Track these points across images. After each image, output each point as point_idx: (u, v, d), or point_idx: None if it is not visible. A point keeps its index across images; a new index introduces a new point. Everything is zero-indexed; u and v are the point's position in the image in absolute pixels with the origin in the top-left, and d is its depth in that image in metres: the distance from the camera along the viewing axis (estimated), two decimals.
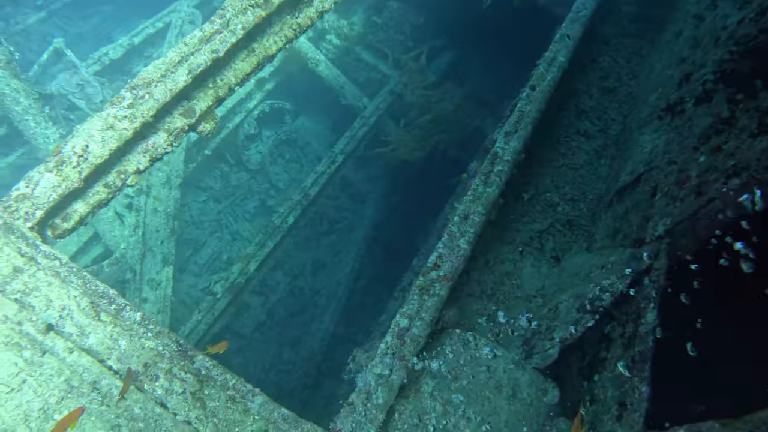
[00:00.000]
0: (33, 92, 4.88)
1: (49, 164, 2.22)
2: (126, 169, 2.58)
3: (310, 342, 7.05)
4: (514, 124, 3.05)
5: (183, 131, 2.84)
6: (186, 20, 6.52)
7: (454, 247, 2.53)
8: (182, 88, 2.63)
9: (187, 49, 2.70)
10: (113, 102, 2.49)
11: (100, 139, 2.34)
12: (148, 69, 2.61)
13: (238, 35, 2.86)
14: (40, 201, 2.15)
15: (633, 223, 2.80)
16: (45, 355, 2.03)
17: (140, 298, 4.95)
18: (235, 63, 3.08)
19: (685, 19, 4.22)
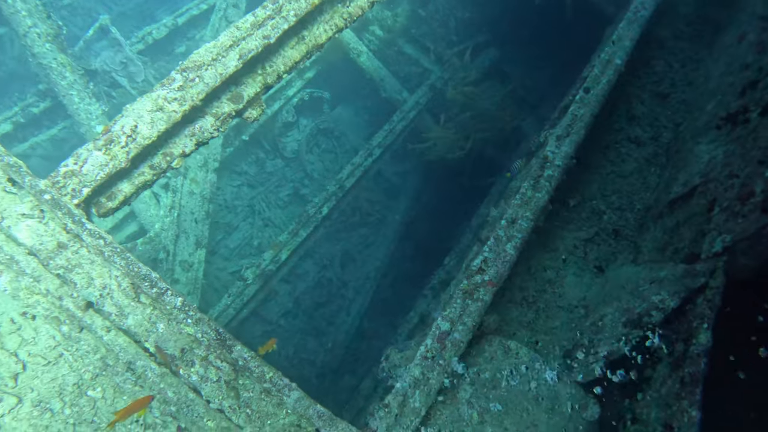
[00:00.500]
0: (78, 68, 4.97)
1: (98, 142, 2.23)
2: (172, 151, 2.59)
3: (334, 334, 7.06)
4: (566, 128, 2.94)
5: (230, 117, 2.83)
6: (231, 4, 6.55)
7: (500, 252, 2.45)
8: (232, 73, 2.61)
9: (238, 33, 2.68)
10: (163, 83, 2.49)
11: (149, 120, 2.35)
12: (199, 52, 2.59)
13: (290, 22, 2.82)
14: (87, 179, 2.16)
15: (685, 238, 2.66)
16: (83, 331, 2.05)
17: (172, 278, 5.02)
18: (284, 50, 3.05)
19: (749, 21, 3.99)
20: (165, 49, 6.69)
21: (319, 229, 6.51)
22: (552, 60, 7.09)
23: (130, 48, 5.90)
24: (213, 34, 6.20)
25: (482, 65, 7.10)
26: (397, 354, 2.90)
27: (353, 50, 7.03)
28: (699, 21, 4.53)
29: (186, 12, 6.53)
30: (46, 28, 4.83)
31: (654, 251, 2.86)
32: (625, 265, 2.94)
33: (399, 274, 7.82)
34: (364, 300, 7.29)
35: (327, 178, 7.91)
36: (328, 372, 6.78)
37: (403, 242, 7.86)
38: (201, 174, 5.59)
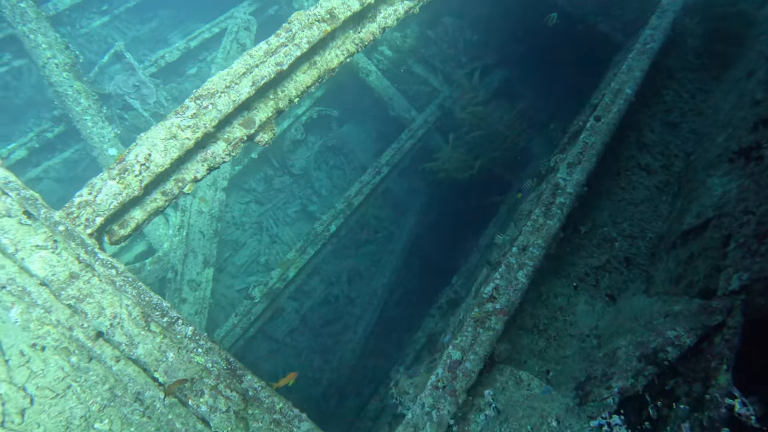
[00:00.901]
0: (93, 93, 5.05)
1: (113, 171, 2.24)
2: (184, 177, 2.60)
3: (341, 352, 7.01)
4: (578, 155, 2.93)
5: (242, 141, 2.85)
6: (242, 26, 6.64)
7: (511, 280, 2.43)
8: (245, 100, 2.63)
9: (252, 61, 2.71)
10: (177, 111, 2.51)
11: (163, 148, 2.36)
12: (213, 80, 2.62)
13: (303, 49, 2.85)
14: (101, 208, 2.17)
15: (700, 271, 2.63)
16: (92, 361, 2.04)
17: (179, 298, 5.02)
18: (296, 75, 3.08)
19: (757, 59, 4.01)
20: (177, 71, 6.78)
21: (327, 247, 6.51)
22: (560, 83, 7.11)
23: (143, 71, 5.99)
24: (224, 55, 6.29)
25: (491, 86, 7.13)
26: (407, 380, 2.87)
27: (362, 70, 7.08)
28: (707, 54, 4.56)
29: (198, 36, 6.63)
30: (63, 58, 4.96)
31: (667, 282, 2.82)
32: (637, 295, 2.90)
33: (406, 291, 7.79)
34: (371, 318, 7.25)
35: (335, 195, 7.93)
36: (334, 391, 6.73)
37: (411, 259, 7.85)
38: (210, 193, 5.62)
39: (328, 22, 2.99)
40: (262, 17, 7.37)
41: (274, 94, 2.96)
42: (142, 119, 5.99)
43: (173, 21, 8.71)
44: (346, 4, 3.08)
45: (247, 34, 6.81)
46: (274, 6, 7.42)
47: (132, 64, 6.02)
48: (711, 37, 4.73)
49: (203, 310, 5.16)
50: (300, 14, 2.94)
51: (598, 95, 4.39)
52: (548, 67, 7.10)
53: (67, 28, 6.31)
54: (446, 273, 7.24)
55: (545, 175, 3.97)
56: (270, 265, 7.30)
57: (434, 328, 5.65)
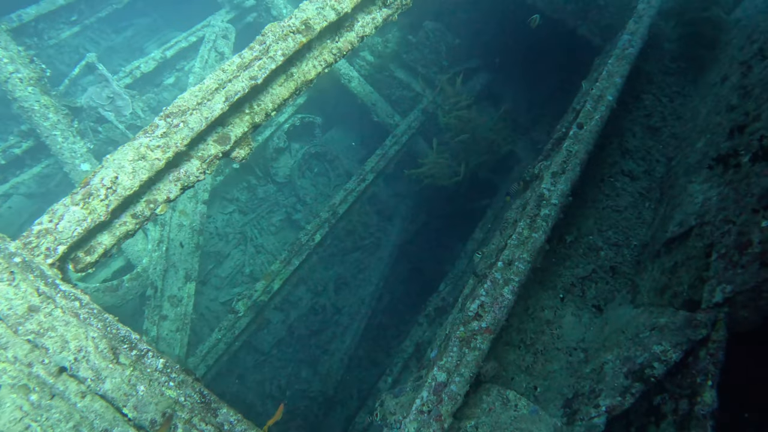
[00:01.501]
0: (62, 108, 4.90)
1: (76, 197, 2.14)
2: (156, 198, 2.50)
3: (329, 362, 6.93)
4: (562, 164, 2.89)
5: (217, 158, 2.75)
6: (220, 35, 6.53)
7: (497, 297, 2.37)
8: (218, 116, 2.55)
9: (224, 76, 2.62)
10: (146, 130, 2.42)
11: (131, 170, 2.27)
12: (184, 96, 2.53)
13: (278, 62, 2.77)
14: (63, 236, 2.07)
15: (684, 282, 2.60)
16: (54, 398, 1.94)
17: (160, 315, 4.90)
18: (272, 88, 2.99)
19: (730, 64, 4.03)
20: (153, 81, 6.64)
21: (313, 257, 6.42)
22: (542, 86, 7.11)
23: (118, 83, 5.85)
24: (202, 64, 6.17)
25: (473, 89, 7.10)
26: (392, 400, 2.79)
27: (344, 76, 7.01)
28: (683, 58, 4.59)
29: (175, 45, 6.50)
30: (28, 72, 4.80)
31: (652, 292, 2.79)
32: (623, 305, 2.87)
33: (394, 297, 7.73)
34: (359, 326, 7.18)
35: (320, 202, 7.85)
36: (322, 402, 6.63)
37: (398, 265, 7.80)
38: (190, 205, 5.50)
39: (304, 34, 2.91)
40: (240, 25, 7.26)
41: (249, 108, 2.87)
42: (118, 132, 5.85)
43: (149, 30, 8.55)
44: (321, 14, 3.00)
45: (226, 43, 6.70)
46: (252, 13, 7.32)
47: (105, 75, 5.87)
48: (686, 41, 4.76)
49: (185, 327, 5.04)
50: (274, 26, 2.86)
51: (580, 100, 4.37)
52: (530, 71, 7.10)
53: (34, 40, 6.13)
54: (434, 277, 7.20)
55: (529, 181, 3.93)
56: (255, 276, 7.19)
57: (422, 336, 5.59)
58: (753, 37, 4.03)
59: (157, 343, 4.88)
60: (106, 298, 5.08)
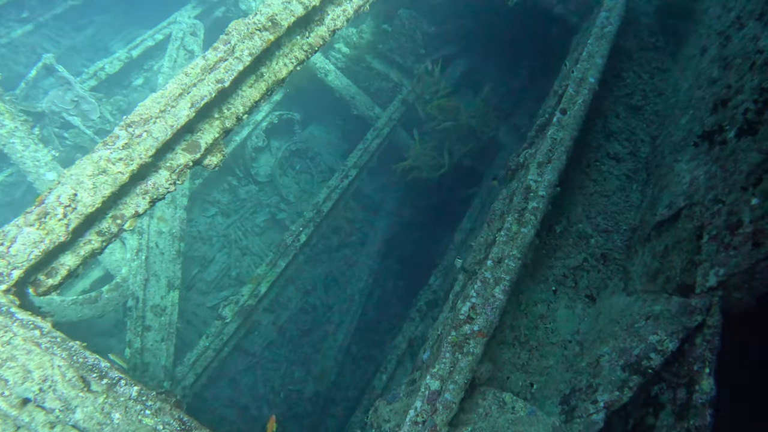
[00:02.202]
0: (19, 113, 4.65)
1: (30, 216, 2.00)
2: (123, 213, 2.36)
3: (322, 361, 6.85)
4: (547, 153, 2.80)
5: (187, 167, 2.62)
6: (187, 32, 6.31)
7: (488, 297, 2.28)
8: (184, 124, 2.40)
9: (188, 80, 2.47)
10: (106, 142, 2.27)
11: (91, 186, 2.12)
12: (145, 104, 2.38)
13: (245, 62, 2.63)
14: (18, 260, 1.93)
15: (676, 266, 2.53)
16: (20, 430, 1.82)
17: (143, 326, 4.76)
18: (242, 90, 2.85)
19: (708, 34, 3.97)
20: (121, 83, 6.41)
21: (299, 257, 6.30)
22: (521, 67, 7.01)
23: (82, 85, 5.61)
24: (171, 64, 5.96)
25: (453, 76, 6.98)
26: (386, 407, 2.71)
27: (320, 70, 6.85)
28: (661, 32, 4.51)
29: (141, 44, 6.26)
30: None
31: (644, 278, 2.73)
32: (616, 293, 2.80)
33: (385, 291, 7.66)
34: (351, 323, 7.10)
35: (303, 200, 7.71)
36: (317, 402, 6.56)
37: (387, 259, 7.71)
38: (169, 211, 5.33)
39: (271, 31, 2.76)
40: (208, 20, 7.04)
41: (219, 112, 2.73)
42: (86, 137, 5.62)
43: (112, 27, 8.23)
44: (288, 9, 2.86)
45: (194, 40, 6.49)
46: (221, 8, 7.09)
47: (66, 77, 5.61)
48: (662, 13, 4.68)
49: (170, 336, 4.91)
50: (238, 24, 2.72)
51: (561, 83, 4.29)
52: (508, 54, 6.99)
53: None
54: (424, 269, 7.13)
55: (515, 170, 3.85)
56: (242, 278, 7.06)
57: (414, 332, 5.52)
58: (729, 5, 3.97)
59: (142, 354, 4.75)
60: (84, 310, 4.92)
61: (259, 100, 2.92)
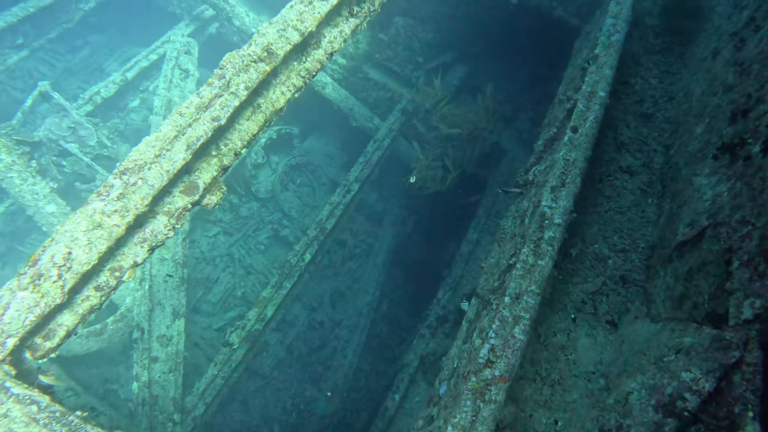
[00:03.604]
0: (16, 147, 4.56)
1: (23, 280, 1.88)
2: (121, 265, 2.25)
3: (333, 378, 6.75)
4: (560, 176, 2.68)
5: (186, 210, 2.50)
6: (181, 51, 6.20)
7: (508, 338, 2.17)
8: (181, 168, 2.29)
9: (183, 120, 2.36)
10: (99, 192, 2.15)
11: (86, 242, 2.01)
12: (139, 149, 2.27)
13: (241, 97, 2.51)
14: (12, 327, 1.82)
15: (703, 291, 2.41)
16: None
17: (149, 358, 4.65)
18: (239, 124, 2.74)
19: (719, 35, 3.83)
20: (117, 105, 6.31)
21: (304, 275, 6.19)
22: (521, 72, 6.88)
23: (78, 111, 5.51)
24: (166, 85, 5.85)
25: (451, 83, 6.86)
26: None
27: (318, 82, 6.73)
28: (667, 32, 4.38)
29: (135, 65, 6.15)
30: None
31: (668, 302, 2.61)
32: (639, 318, 2.68)
33: (392, 303, 7.56)
34: (360, 338, 6.99)
35: (306, 214, 7.60)
36: (329, 422, 6.47)
37: (393, 269, 7.61)
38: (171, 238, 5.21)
39: (267, 61, 2.65)
40: (202, 37, 6.94)
41: (216, 150, 2.62)
42: (83, 164, 5.52)
43: (106, 47, 8.13)
44: (284, 37, 2.74)
45: (189, 59, 6.38)
46: (214, 24, 6.98)
47: (62, 104, 5.51)
48: (668, 13, 4.54)
49: (178, 366, 4.80)
50: (233, 56, 2.60)
51: (567, 92, 4.16)
52: (508, 58, 6.86)
53: None
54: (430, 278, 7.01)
55: (523, 185, 3.73)
56: (247, 298, 6.95)
57: (426, 348, 5.40)
58: (740, 4, 3.83)
59: (150, 387, 4.64)
60: (90, 343, 4.82)
61: (257, 133, 2.80)
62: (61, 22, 6.43)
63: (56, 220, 4.52)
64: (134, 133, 6.88)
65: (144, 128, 6.88)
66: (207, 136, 2.38)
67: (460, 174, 6.85)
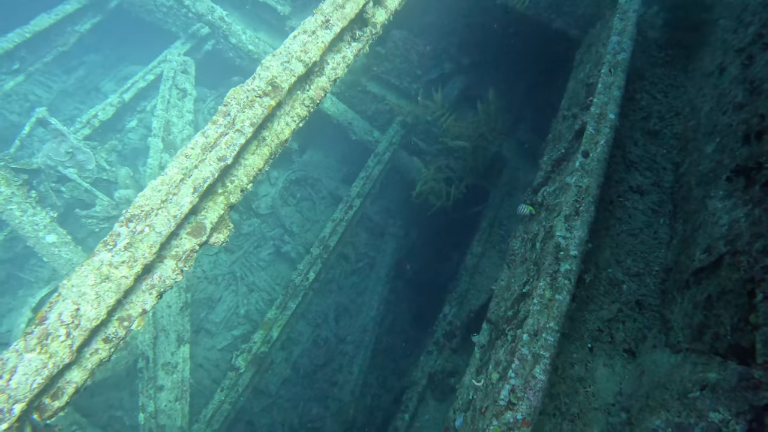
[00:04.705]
0: (15, 178, 4.49)
1: (30, 341, 1.82)
2: (129, 314, 2.19)
3: (339, 395, 6.68)
4: (573, 205, 2.63)
5: (194, 252, 2.44)
6: (178, 70, 6.13)
7: (529, 379, 2.12)
8: (188, 212, 2.23)
9: (189, 162, 2.30)
10: (106, 242, 2.09)
11: (95, 297, 1.95)
12: (145, 194, 2.21)
13: (247, 134, 2.46)
14: (19, 392, 1.75)
15: (725, 321, 2.36)
16: None
17: (155, 386, 4.58)
18: (244, 159, 2.68)
19: (724, 50, 3.79)
20: (115, 127, 6.23)
21: (309, 293, 6.13)
22: (520, 82, 6.85)
23: (75, 135, 5.43)
24: (164, 105, 5.78)
25: (451, 94, 6.82)
26: None
27: None
28: (669, 45, 4.35)
29: (132, 86, 6.08)
30: None
31: (688, 330, 2.56)
32: (658, 347, 2.63)
33: (397, 316, 7.50)
34: (366, 353, 6.93)
35: (307, 229, 7.54)
36: None
37: (397, 282, 7.56)
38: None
39: (272, 95, 2.59)
40: (198, 55, 6.87)
41: (222, 187, 2.56)
42: (82, 189, 5.44)
43: (102, 67, 8.06)
44: (288, 69, 2.69)
45: (186, 78, 6.31)
46: (210, 41, 6.91)
47: (60, 129, 5.44)
48: (671, 26, 4.52)
49: (184, 394, 4.73)
50: (237, 92, 2.54)
51: (570, 105, 4.12)
52: (506, 69, 6.83)
53: None
54: (435, 288, 6.97)
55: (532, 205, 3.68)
56: (250, 316, 6.88)
57: (434, 366, 5.34)
58: (745, 18, 3.79)
59: (157, 417, 4.57)
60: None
61: (263, 167, 2.75)
62: (57, 45, 6.36)
63: (57, 250, 4.45)
64: (132, 152, 6.82)
65: (142, 147, 6.82)
66: (214, 177, 2.32)
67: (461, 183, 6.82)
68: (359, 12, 3.12)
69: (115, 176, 5.94)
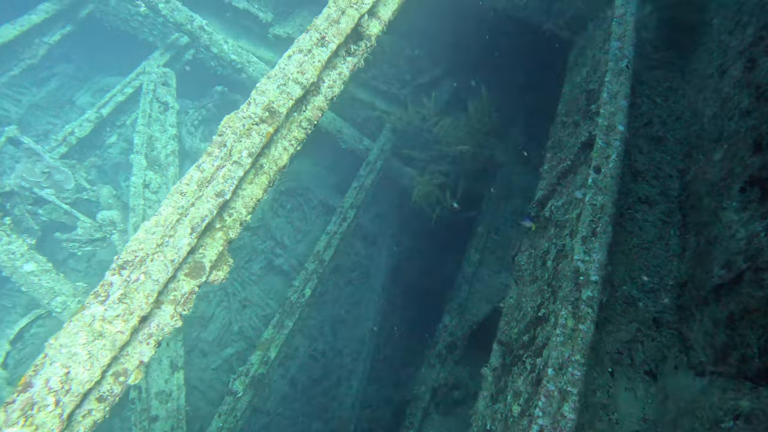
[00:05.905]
0: None
1: (12, 412, 1.64)
2: (126, 368, 2.02)
3: (339, 410, 6.55)
4: (590, 225, 2.52)
5: (193, 293, 2.28)
6: (158, 82, 5.90)
7: (558, 418, 2.01)
8: (186, 254, 2.06)
9: (185, 201, 2.13)
10: (97, 293, 1.92)
11: (87, 357, 1.78)
12: (138, 238, 2.03)
13: (246, 166, 2.30)
14: None
15: (751, 342, 2.28)
16: None
17: (149, 417, 4.38)
18: (242, 189, 2.52)
19: (723, 51, 3.72)
20: (94, 143, 5.97)
21: (305, 310, 5.97)
22: (511, 85, 6.75)
23: (51, 153, 5.18)
24: (145, 120, 5.55)
25: (441, 99, 6.70)
26: None
27: None
28: (664, 46, 4.28)
29: (110, 100, 5.83)
30: None
31: (710, 350, 2.47)
32: (680, 369, 2.54)
33: (396, 322, 7.40)
34: (364, 365, 6.81)
35: (299, 241, 7.36)
36: None
37: (393, 290, 7.45)
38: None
39: (269, 122, 2.43)
40: (179, 65, 6.63)
41: (221, 222, 2.39)
42: (61, 211, 5.18)
43: (76, 78, 7.72)
44: (285, 92, 2.53)
45: (167, 90, 6.08)
46: (190, 50, 6.68)
47: (33, 149, 5.16)
48: (665, 27, 4.45)
49: (180, 424, 4.54)
50: (232, 120, 2.37)
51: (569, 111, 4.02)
52: (497, 72, 6.72)
53: None
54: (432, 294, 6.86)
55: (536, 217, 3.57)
56: (244, 332, 6.69)
57: (436, 379, 5.23)
58: (741, 19, 3.73)
59: None
60: None
61: (262, 196, 2.59)
62: (24, 58, 6.06)
63: (36, 279, 4.22)
64: (113, 167, 6.56)
65: (123, 162, 6.56)
66: (212, 214, 2.16)
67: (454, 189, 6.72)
68: (355, 26, 2.97)
69: (96, 196, 5.69)
